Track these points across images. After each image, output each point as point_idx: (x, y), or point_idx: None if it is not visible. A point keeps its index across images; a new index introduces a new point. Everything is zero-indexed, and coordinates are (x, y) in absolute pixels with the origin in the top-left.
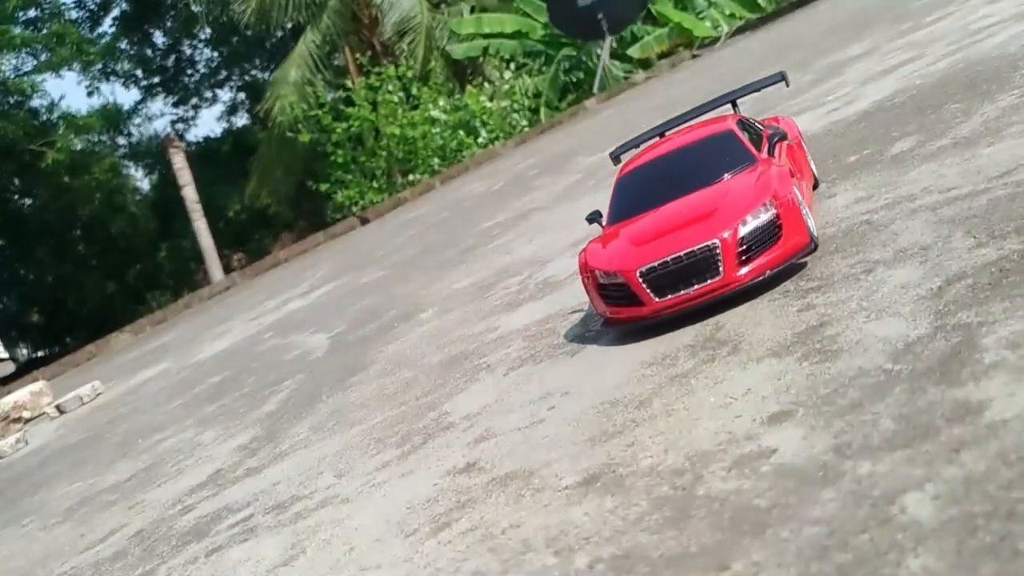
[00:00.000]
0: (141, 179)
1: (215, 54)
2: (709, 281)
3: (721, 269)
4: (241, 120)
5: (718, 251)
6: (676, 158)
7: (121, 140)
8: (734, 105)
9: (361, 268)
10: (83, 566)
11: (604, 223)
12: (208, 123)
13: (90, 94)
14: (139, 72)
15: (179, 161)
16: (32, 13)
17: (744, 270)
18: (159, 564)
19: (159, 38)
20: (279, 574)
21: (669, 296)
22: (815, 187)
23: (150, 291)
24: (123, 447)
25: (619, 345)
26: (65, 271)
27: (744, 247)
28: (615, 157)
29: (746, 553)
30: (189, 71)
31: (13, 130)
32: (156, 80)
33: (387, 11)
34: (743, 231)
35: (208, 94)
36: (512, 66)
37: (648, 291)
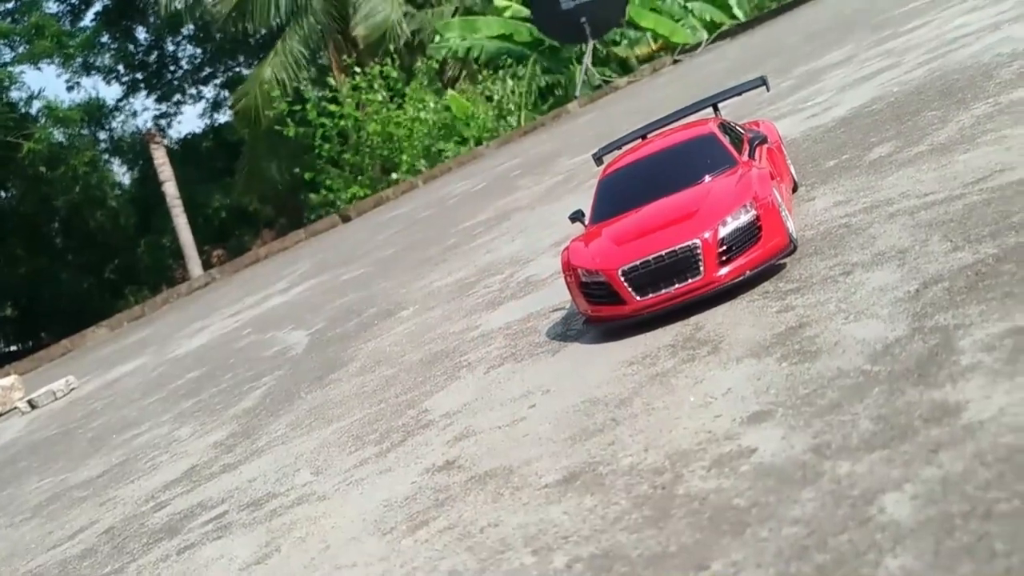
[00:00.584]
0: (122, 174)
1: (199, 51)
2: (690, 281)
3: (702, 269)
4: (224, 116)
5: (699, 251)
6: (658, 160)
7: (102, 135)
8: (715, 109)
9: (342, 265)
10: (49, 564)
11: (587, 222)
12: (191, 120)
13: (70, 89)
14: (120, 68)
15: (160, 156)
16: (10, 5)
17: (724, 270)
18: (129, 562)
19: (141, 34)
20: (252, 572)
21: (650, 295)
22: (794, 190)
23: (128, 286)
24: (96, 443)
25: (600, 344)
26: (40, 264)
27: (724, 247)
28: (598, 158)
29: (725, 553)
30: (172, 67)
31: None
32: (138, 76)
33: (359, 7)
34: (724, 232)
35: (192, 91)
36: (500, 72)
37: (629, 290)
